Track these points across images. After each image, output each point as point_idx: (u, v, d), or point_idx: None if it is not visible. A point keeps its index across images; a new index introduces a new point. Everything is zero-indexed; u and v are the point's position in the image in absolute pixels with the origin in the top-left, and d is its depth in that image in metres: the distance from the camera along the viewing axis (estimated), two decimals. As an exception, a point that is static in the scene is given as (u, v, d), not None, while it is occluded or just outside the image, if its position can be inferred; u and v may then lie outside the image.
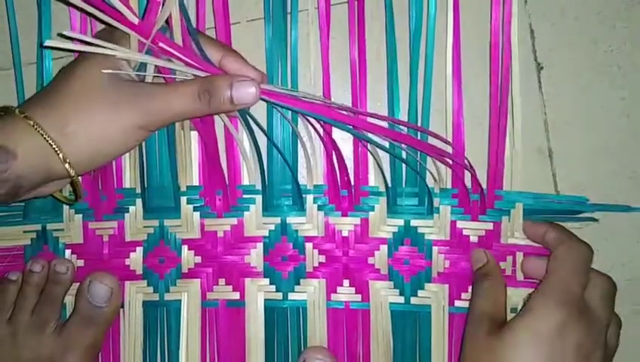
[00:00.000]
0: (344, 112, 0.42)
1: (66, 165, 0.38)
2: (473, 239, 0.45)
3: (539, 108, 0.46)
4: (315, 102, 0.41)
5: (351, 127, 0.42)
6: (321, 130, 0.44)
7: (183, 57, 0.39)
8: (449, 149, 0.44)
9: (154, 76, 0.40)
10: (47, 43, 0.36)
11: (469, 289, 0.45)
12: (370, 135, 0.43)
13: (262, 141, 0.44)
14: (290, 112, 0.44)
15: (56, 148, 0.37)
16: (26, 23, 0.46)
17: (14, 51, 0.46)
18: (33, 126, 0.37)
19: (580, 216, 0.45)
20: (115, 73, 0.38)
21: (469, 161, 0.44)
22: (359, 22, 0.44)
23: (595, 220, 0.45)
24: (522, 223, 0.44)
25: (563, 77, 0.46)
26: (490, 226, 0.45)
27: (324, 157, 0.45)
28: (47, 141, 0.37)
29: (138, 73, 0.39)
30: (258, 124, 0.43)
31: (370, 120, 0.43)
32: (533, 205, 0.44)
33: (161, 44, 0.38)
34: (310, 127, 0.44)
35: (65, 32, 0.37)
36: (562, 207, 0.45)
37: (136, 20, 0.38)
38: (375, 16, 0.45)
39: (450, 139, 0.44)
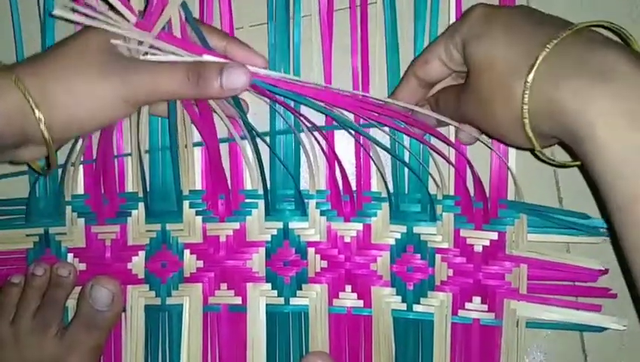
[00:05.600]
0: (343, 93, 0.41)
1: (41, 125, 0.36)
2: (477, 248, 0.45)
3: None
4: (311, 86, 0.40)
5: (352, 120, 0.42)
6: (322, 140, 0.44)
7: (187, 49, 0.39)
8: (451, 151, 0.44)
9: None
10: (55, 12, 0.37)
11: (474, 299, 0.45)
12: (372, 134, 0.43)
13: (265, 145, 0.44)
14: (292, 118, 0.44)
15: (33, 105, 0.36)
16: (30, 24, 0.46)
17: (18, 50, 0.46)
18: (14, 80, 0.36)
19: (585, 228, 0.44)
20: (113, 46, 0.37)
21: (469, 161, 0.43)
22: (362, 27, 0.44)
23: (602, 234, 0.44)
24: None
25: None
26: (494, 236, 0.44)
27: (326, 162, 0.45)
28: (25, 96, 0.36)
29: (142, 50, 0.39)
30: (258, 134, 0.43)
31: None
32: (539, 216, 0.44)
33: (162, 40, 0.38)
34: (312, 136, 0.44)
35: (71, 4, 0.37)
36: (566, 221, 0.44)
37: (134, 19, 0.38)
38: (378, 22, 0.44)
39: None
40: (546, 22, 0.34)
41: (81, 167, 0.46)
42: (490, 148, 0.43)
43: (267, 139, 0.45)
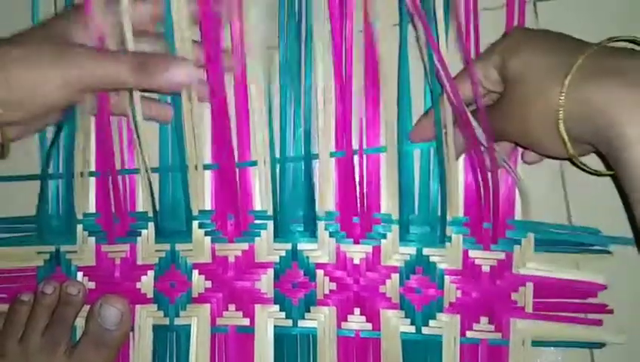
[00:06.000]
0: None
1: None
2: (485, 269, 0.44)
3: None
4: None
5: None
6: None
7: None
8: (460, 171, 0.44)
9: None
10: None
11: (481, 319, 0.44)
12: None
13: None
14: (303, 135, 0.44)
15: None
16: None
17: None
18: None
19: (594, 248, 0.44)
20: (69, 34, 0.40)
21: (484, 180, 0.43)
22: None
23: (609, 253, 0.44)
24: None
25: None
26: (502, 256, 0.44)
27: (336, 183, 0.45)
28: None
29: None
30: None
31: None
32: (545, 235, 0.44)
33: None
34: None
35: None
36: (575, 238, 0.44)
37: None
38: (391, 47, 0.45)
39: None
40: (579, 40, 0.37)
41: (93, 184, 0.47)
42: (505, 163, 0.43)
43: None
